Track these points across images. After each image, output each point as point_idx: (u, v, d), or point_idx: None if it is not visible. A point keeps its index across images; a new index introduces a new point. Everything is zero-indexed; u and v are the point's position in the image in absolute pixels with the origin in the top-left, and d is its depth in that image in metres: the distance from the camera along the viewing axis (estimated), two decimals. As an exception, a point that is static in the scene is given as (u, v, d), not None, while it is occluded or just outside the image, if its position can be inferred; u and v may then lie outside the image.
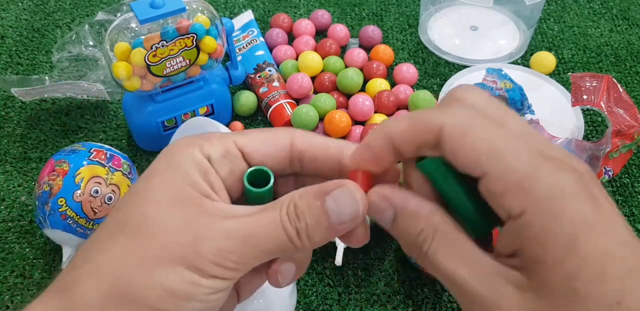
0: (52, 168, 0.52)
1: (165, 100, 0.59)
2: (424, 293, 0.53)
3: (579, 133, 0.65)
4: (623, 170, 0.62)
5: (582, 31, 0.78)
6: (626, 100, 0.60)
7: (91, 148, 0.54)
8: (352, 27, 0.78)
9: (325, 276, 0.54)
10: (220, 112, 0.63)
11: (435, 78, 0.72)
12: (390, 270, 0.54)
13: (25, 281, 0.54)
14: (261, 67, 0.69)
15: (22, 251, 0.56)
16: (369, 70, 0.69)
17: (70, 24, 0.78)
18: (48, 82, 0.66)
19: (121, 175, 0.53)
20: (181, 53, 0.54)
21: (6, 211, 0.59)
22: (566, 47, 0.75)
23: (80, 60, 0.71)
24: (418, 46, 0.76)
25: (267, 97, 0.66)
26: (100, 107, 0.68)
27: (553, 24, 0.79)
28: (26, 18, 0.79)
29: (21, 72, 0.72)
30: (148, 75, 0.54)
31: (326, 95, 0.64)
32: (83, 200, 0.50)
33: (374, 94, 0.66)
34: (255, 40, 0.73)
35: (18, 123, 0.66)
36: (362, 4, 0.81)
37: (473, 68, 0.71)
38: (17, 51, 0.75)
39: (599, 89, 0.60)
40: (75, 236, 0.51)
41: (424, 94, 0.63)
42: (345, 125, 0.62)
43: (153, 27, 0.52)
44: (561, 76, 0.72)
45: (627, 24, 0.79)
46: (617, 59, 0.74)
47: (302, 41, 0.72)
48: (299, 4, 0.81)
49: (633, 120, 0.58)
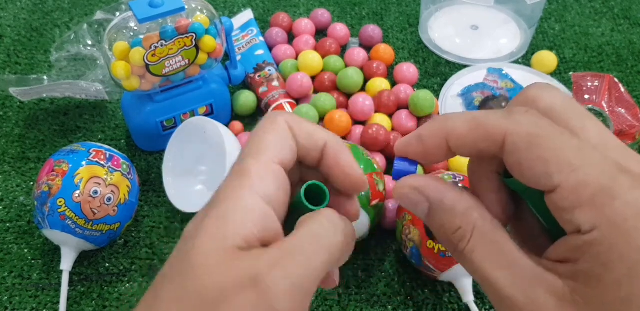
0: (51, 168, 0.52)
1: (164, 100, 0.58)
2: (424, 294, 0.52)
3: (580, 133, 0.64)
4: (625, 170, 0.62)
5: (584, 30, 0.77)
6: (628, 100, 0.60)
7: (90, 148, 0.53)
8: (352, 27, 0.78)
9: (326, 277, 0.54)
10: (220, 112, 0.63)
11: (435, 77, 0.71)
12: (390, 271, 0.54)
13: (24, 282, 0.53)
14: (261, 67, 0.69)
15: (21, 252, 0.55)
16: (369, 69, 0.69)
17: (69, 23, 0.78)
18: (46, 81, 0.66)
19: (120, 175, 0.53)
20: (180, 52, 0.54)
21: (5, 211, 0.58)
22: (567, 47, 0.75)
23: (79, 60, 0.71)
24: (418, 45, 0.75)
25: (267, 96, 0.65)
26: (99, 106, 0.68)
27: (554, 23, 0.78)
28: (24, 17, 0.79)
29: (19, 71, 0.72)
30: (147, 75, 0.54)
31: (326, 95, 0.64)
32: (82, 201, 0.50)
33: (374, 94, 0.66)
34: (255, 39, 0.72)
35: (16, 123, 0.66)
36: (363, 3, 0.81)
37: (474, 67, 0.71)
38: (15, 51, 0.74)
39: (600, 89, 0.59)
40: (74, 237, 0.51)
41: (425, 94, 0.63)
42: (345, 125, 0.61)
43: (152, 27, 0.52)
44: (562, 76, 0.72)
45: (629, 24, 0.78)
46: (618, 59, 0.74)
47: (302, 40, 0.72)
48: (299, 3, 0.81)
49: (635, 120, 0.58)
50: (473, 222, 0.22)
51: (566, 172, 0.20)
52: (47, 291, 0.53)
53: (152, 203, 0.59)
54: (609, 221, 0.19)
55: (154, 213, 0.58)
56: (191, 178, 0.59)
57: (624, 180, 0.19)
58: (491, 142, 0.21)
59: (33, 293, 0.53)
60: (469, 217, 0.22)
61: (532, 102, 0.23)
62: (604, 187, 0.19)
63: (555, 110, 0.22)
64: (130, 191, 0.54)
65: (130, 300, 0.52)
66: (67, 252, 0.52)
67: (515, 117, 0.21)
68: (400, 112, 0.64)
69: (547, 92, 0.23)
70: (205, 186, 0.59)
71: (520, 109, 0.22)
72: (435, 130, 0.23)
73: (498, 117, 0.22)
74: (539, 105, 0.22)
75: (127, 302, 0.52)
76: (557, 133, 0.21)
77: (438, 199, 0.23)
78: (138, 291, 0.53)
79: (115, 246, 0.56)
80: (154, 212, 0.58)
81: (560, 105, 0.22)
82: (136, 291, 0.53)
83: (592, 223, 0.19)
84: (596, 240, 0.19)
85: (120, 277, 0.54)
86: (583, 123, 0.22)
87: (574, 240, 0.20)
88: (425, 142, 0.23)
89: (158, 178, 0.60)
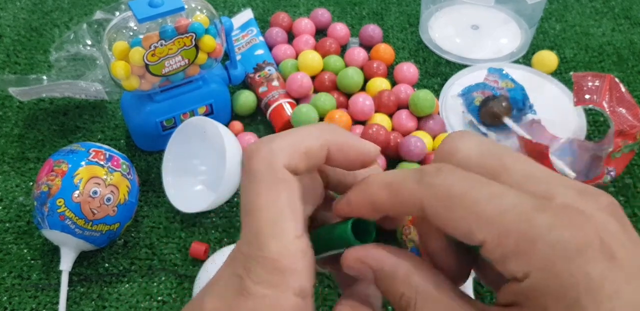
0: (50, 168, 0.52)
1: (164, 100, 0.58)
2: (425, 294, 0.52)
3: (581, 133, 0.64)
4: (625, 170, 0.62)
5: (584, 30, 0.77)
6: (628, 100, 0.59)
7: (90, 148, 0.53)
8: (352, 26, 0.78)
9: (326, 278, 0.54)
10: (220, 112, 0.63)
11: (436, 77, 0.71)
12: (391, 271, 0.54)
13: (23, 283, 0.53)
14: (261, 67, 0.68)
15: (20, 252, 0.55)
16: (370, 69, 0.68)
17: (68, 23, 0.78)
18: (46, 81, 0.66)
19: (120, 175, 0.53)
20: (180, 52, 0.54)
21: (4, 212, 0.58)
22: (568, 47, 0.75)
23: (78, 60, 0.71)
24: (419, 45, 0.75)
25: (267, 96, 0.65)
26: (99, 106, 0.68)
27: (555, 23, 0.78)
28: (24, 17, 0.79)
29: (19, 71, 0.72)
30: (147, 75, 0.54)
31: (326, 95, 0.64)
32: (82, 201, 0.50)
33: (374, 94, 0.66)
34: (255, 39, 0.72)
35: (16, 123, 0.66)
36: (363, 3, 0.81)
37: (474, 67, 0.71)
38: (14, 50, 0.74)
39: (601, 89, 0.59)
40: (73, 237, 0.51)
41: (425, 94, 0.63)
42: (345, 124, 0.61)
43: (152, 26, 0.52)
44: (563, 75, 0.71)
45: (629, 23, 0.78)
46: (619, 59, 0.73)
47: (302, 40, 0.72)
48: (299, 3, 0.81)
49: (635, 120, 0.58)
50: (415, 286, 0.22)
51: (484, 226, 0.20)
52: (47, 292, 0.53)
53: (151, 203, 0.59)
54: (537, 267, 0.19)
55: (154, 213, 0.58)
56: (191, 178, 0.59)
57: (542, 220, 0.19)
58: (411, 207, 0.22)
59: (32, 293, 0.53)
60: (409, 281, 0.22)
61: (449, 155, 0.23)
62: (523, 233, 0.19)
63: (471, 159, 0.22)
64: (129, 191, 0.53)
65: (129, 300, 0.52)
66: (66, 252, 0.52)
67: (426, 180, 0.21)
68: (401, 112, 0.64)
69: (461, 142, 0.23)
70: (205, 186, 0.59)
71: (432, 169, 0.22)
72: (359, 196, 0.23)
73: (411, 181, 0.22)
74: (456, 157, 0.22)
75: (126, 302, 0.52)
76: (469, 188, 0.20)
77: (378, 268, 0.23)
78: (137, 292, 0.53)
79: (115, 246, 0.56)
80: (153, 212, 0.58)
81: (476, 152, 0.22)
82: (136, 291, 0.53)
83: (523, 271, 0.19)
84: (531, 286, 0.19)
85: (119, 277, 0.54)
86: (501, 163, 0.21)
87: (513, 286, 0.20)
88: (354, 207, 0.24)
89: (158, 178, 0.60)
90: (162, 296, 0.53)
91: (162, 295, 0.53)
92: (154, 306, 0.52)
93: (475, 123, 0.64)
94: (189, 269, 0.54)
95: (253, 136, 0.62)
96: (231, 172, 0.53)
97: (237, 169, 0.54)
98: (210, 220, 0.58)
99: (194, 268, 0.54)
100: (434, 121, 0.64)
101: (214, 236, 0.57)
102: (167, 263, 0.55)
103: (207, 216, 0.58)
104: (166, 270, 0.54)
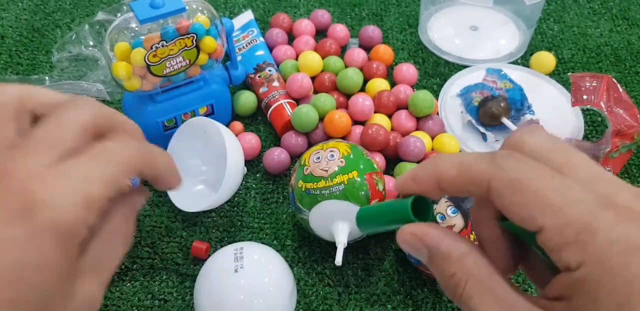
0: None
1: (165, 100, 0.59)
2: (424, 293, 0.53)
3: (578, 133, 0.65)
4: (623, 170, 0.62)
5: (582, 31, 0.78)
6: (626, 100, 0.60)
7: (91, 148, 0.54)
8: (352, 27, 0.78)
9: (325, 276, 0.54)
10: (220, 112, 0.63)
11: (435, 78, 0.72)
12: (390, 270, 0.54)
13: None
14: (261, 67, 0.69)
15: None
16: (369, 70, 0.69)
17: (70, 24, 0.78)
18: (48, 82, 0.66)
19: (121, 175, 0.53)
20: (181, 53, 0.54)
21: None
22: (566, 47, 0.75)
23: (80, 60, 0.71)
24: (418, 46, 0.76)
25: (267, 97, 0.66)
26: (100, 107, 0.68)
27: (553, 24, 0.79)
28: (26, 18, 0.79)
29: (21, 72, 0.72)
30: (148, 75, 0.54)
31: (326, 95, 0.64)
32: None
33: (374, 94, 0.66)
34: (255, 40, 0.73)
35: (18, 123, 0.66)
36: (362, 4, 0.81)
37: (473, 68, 0.71)
38: (17, 51, 0.74)
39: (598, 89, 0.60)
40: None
41: (424, 94, 0.63)
42: (345, 125, 0.62)
43: (153, 27, 0.52)
44: (561, 76, 0.72)
45: (627, 24, 0.79)
46: (617, 59, 0.74)
47: (302, 41, 0.72)
48: (299, 4, 0.81)
49: (633, 120, 0.58)
50: (467, 268, 0.23)
51: (549, 213, 0.20)
52: (49, 290, 0.53)
53: (153, 203, 0.59)
54: (593, 258, 0.20)
55: (155, 212, 0.59)
56: (192, 178, 0.60)
57: (606, 217, 0.20)
58: (477, 187, 0.22)
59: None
60: (463, 263, 0.23)
61: (518, 146, 0.23)
62: (586, 224, 0.20)
63: (539, 152, 0.23)
64: (131, 191, 0.54)
65: (131, 299, 0.53)
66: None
67: (498, 162, 0.22)
68: (400, 112, 0.65)
69: (531, 136, 0.23)
70: (206, 186, 0.60)
71: (504, 153, 0.23)
72: (428, 172, 0.24)
73: (483, 161, 0.23)
74: (524, 148, 0.23)
75: (128, 301, 0.53)
76: (538, 176, 0.21)
77: (435, 246, 0.24)
78: (139, 290, 0.53)
79: (117, 245, 0.56)
80: (154, 212, 0.59)
81: (545, 146, 0.23)
82: (137, 290, 0.53)
83: (578, 261, 0.20)
84: (584, 277, 0.20)
85: (121, 276, 0.54)
86: (568, 160, 0.22)
87: (565, 277, 0.21)
88: (420, 183, 0.25)
89: (159, 178, 0.60)
90: (163, 295, 0.53)
91: (164, 293, 0.53)
92: (155, 304, 0.52)
93: (474, 123, 0.64)
94: (190, 268, 0.55)
95: (253, 136, 0.63)
96: (232, 172, 0.53)
97: (237, 169, 0.54)
98: (211, 220, 0.58)
99: (195, 267, 0.55)
100: (433, 121, 0.64)
101: (215, 236, 0.57)
102: (169, 262, 0.55)
103: (208, 215, 0.59)
104: (167, 269, 0.55)
